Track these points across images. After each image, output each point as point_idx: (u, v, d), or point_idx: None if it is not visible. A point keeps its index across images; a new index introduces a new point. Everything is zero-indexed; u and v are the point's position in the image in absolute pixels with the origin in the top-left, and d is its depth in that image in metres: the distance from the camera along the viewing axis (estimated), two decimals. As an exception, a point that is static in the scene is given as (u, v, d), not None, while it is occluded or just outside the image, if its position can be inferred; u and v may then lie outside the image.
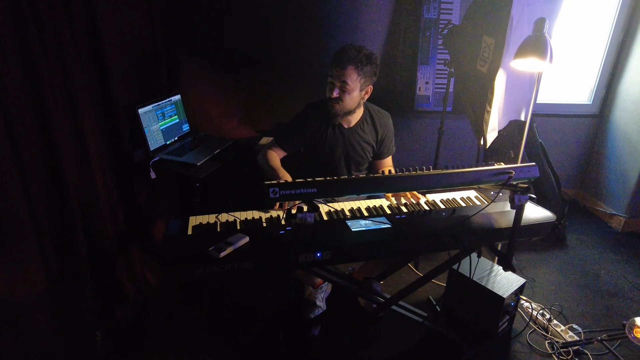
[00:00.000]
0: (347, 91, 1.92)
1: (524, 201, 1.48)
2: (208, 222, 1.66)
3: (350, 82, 1.89)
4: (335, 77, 1.91)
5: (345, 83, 1.89)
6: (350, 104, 1.97)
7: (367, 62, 1.90)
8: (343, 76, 1.88)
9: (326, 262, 1.49)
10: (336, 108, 1.97)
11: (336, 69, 1.90)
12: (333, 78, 1.92)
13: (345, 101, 1.94)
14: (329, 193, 1.35)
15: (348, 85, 1.90)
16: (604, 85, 3.32)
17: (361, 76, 1.91)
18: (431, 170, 1.43)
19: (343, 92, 1.92)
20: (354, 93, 1.93)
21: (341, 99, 1.93)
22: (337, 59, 1.90)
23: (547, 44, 1.71)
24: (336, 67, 1.90)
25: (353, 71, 1.88)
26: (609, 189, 3.37)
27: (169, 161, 2.18)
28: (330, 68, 1.94)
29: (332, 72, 1.92)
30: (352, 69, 1.88)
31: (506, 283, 2.05)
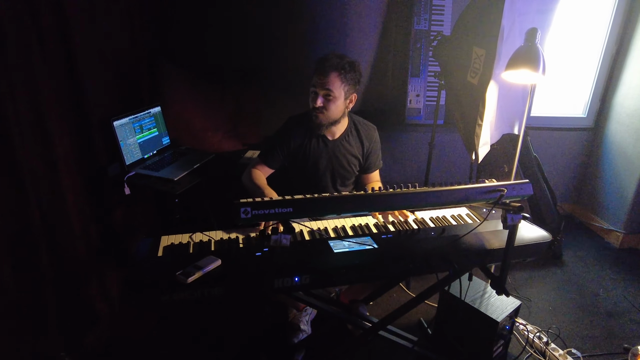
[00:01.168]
0: (332, 100, 1.83)
1: (517, 221, 1.39)
2: (180, 243, 1.55)
3: (335, 89, 1.81)
4: (318, 85, 1.83)
5: (329, 91, 1.81)
6: (335, 113, 1.88)
7: (351, 69, 1.82)
8: (326, 84, 1.80)
9: (305, 287, 1.38)
10: (320, 118, 1.88)
11: (319, 77, 1.82)
12: (316, 87, 1.84)
13: (329, 110, 1.86)
14: (306, 213, 1.24)
15: (332, 92, 1.81)
16: (599, 98, 3.26)
17: (345, 83, 1.83)
18: (417, 188, 1.33)
19: (327, 100, 1.84)
20: (339, 101, 1.85)
21: (325, 108, 1.85)
22: (319, 67, 1.82)
23: (539, 55, 1.63)
24: (319, 74, 1.81)
25: (336, 78, 1.80)
26: (605, 203, 3.29)
27: (145, 176, 2.08)
28: (312, 77, 1.86)
29: (315, 81, 1.84)
30: (336, 76, 1.80)
31: (500, 305, 1.94)
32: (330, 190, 2.05)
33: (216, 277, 1.31)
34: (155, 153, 2.34)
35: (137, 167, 2.14)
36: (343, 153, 2.00)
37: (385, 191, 1.31)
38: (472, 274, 1.59)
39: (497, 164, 2.67)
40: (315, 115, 1.87)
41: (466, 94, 2.00)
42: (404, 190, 1.31)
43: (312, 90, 1.87)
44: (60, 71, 1.75)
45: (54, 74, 1.70)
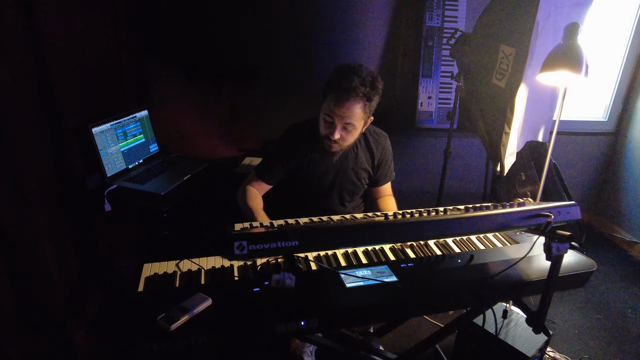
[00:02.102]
0: (351, 131, 1.59)
1: (563, 251, 1.16)
2: (165, 273, 1.32)
3: (356, 121, 1.56)
4: (336, 115, 1.54)
5: (349, 124, 1.56)
6: (351, 141, 1.65)
7: (375, 94, 1.56)
8: (348, 117, 1.53)
9: (313, 331, 1.15)
10: (335, 148, 1.64)
11: (338, 107, 1.52)
12: (333, 116, 1.55)
13: (346, 141, 1.62)
14: (315, 246, 1.02)
15: (353, 124, 1.56)
16: (621, 101, 3.05)
17: (367, 112, 1.58)
18: (448, 214, 1.11)
19: (346, 132, 1.59)
20: (358, 131, 1.62)
21: (343, 139, 1.60)
22: (340, 94, 1.52)
23: (581, 54, 1.41)
24: (339, 104, 1.52)
25: (360, 109, 1.54)
26: (628, 213, 3.07)
27: (128, 190, 1.84)
28: (326, 101, 1.58)
29: (331, 109, 1.54)
30: (359, 107, 1.54)
31: (529, 335, 1.71)
32: (336, 207, 1.81)
33: (206, 322, 1.08)
34: (141, 162, 2.10)
35: (120, 179, 1.90)
36: (351, 166, 1.76)
37: (409, 217, 1.09)
38: (507, 311, 1.37)
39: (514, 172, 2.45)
40: (329, 145, 1.62)
41: (491, 98, 1.78)
42: (432, 217, 1.09)
43: (326, 117, 1.58)
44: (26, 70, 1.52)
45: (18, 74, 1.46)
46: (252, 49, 2.47)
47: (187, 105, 2.42)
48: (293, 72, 2.57)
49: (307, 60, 2.56)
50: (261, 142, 2.64)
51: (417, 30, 2.59)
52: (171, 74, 2.32)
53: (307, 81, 2.60)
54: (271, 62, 2.53)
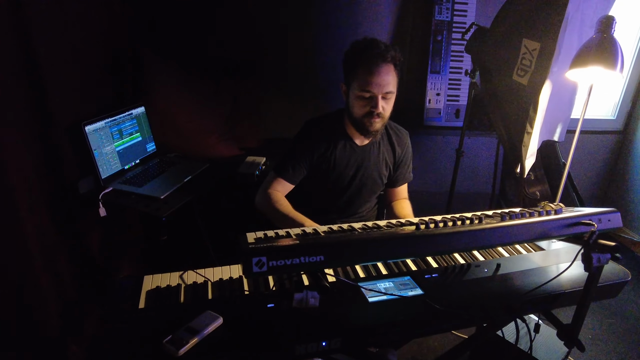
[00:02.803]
0: (390, 100, 1.50)
1: (604, 262, 1.07)
2: (169, 286, 1.20)
3: (393, 87, 1.48)
4: (374, 86, 1.44)
5: (388, 92, 1.47)
6: (390, 111, 1.55)
7: (399, 58, 1.49)
8: (387, 84, 1.44)
9: (335, 351, 1.05)
10: (378, 124, 1.53)
11: (374, 77, 1.43)
12: (371, 89, 1.45)
13: (387, 111, 1.52)
14: (344, 261, 0.91)
15: (392, 92, 1.48)
16: (630, 99, 2.99)
17: (397, 78, 1.50)
18: (484, 224, 1.01)
19: (386, 103, 1.49)
20: (393, 100, 1.53)
21: (384, 111, 1.50)
22: (373, 65, 1.43)
23: (617, 49, 1.32)
24: (374, 75, 1.43)
25: (393, 73, 1.46)
26: (635, 214, 3.02)
27: (125, 193, 1.71)
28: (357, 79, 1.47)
29: (369, 82, 1.44)
30: (392, 71, 1.46)
31: (552, 345, 1.64)
32: (354, 205, 1.71)
33: (217, 344, 0.97)
34: (137, 163, 1.98)
35: (115, 182, 1.77)
36: (374, 161, 1.66)
37: (443, 228, 0.98)
38: (539, 325, 1.28)
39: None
40: (373, 121, 1.51)
41: (511, 95, 1.69)
42: (467, 227, 0.99)
43: (363, 94, 1.47)
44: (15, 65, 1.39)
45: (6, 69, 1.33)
46: (252, 42, 2.35)
47: (186, 101, 2.29)
48: (295, 67, 2.46)
49: (310, 55, 2.45)
50: (263, 140, 2.52)
51: (425, 24, 2.48)
52: (169, 68, 2.19)
53: (309, 76, 2.49)
54: (274, 60, 2.42)
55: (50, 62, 1.52)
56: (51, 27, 1.53)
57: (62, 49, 1.60)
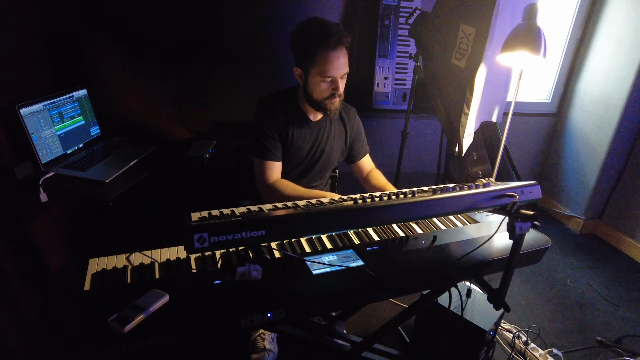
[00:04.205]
0: (345, 78, 1.57)
1: (525, 230, 1.19)
2: (115, 268, 1.20)
3: (348, 68, 1.54)
4: (334, 70, 1.49)
5: (346, 72, 1.54)
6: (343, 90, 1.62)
7: (349, 37, 1.53)
8: (344, 67, 1.51)
9: (280, 322, 1.10)
10: (337, 104, 1.60)
11: (333, 63, 1.48)
12: (332, 74, 1.50)
13: (343, 92, 1.59)
14: (283, 234, 0.96)
15: (347, 73, 1.55)
16: (563, 84, 3.20)
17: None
18: (417, 197, 1.08)
19: (343, 82, 1.56)
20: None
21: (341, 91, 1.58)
22: (330, 52, 1.47)
23: (540, 35, 1.43)
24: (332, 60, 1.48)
25: (346, 53, 1.52)
26: (566, 190, 3.28)
27: (68, 177, 1.66)
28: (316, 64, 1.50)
29: (328, 68, 1.49)
30: (346, 54, 1.52)
31: (485, 310, 1.77)
32: (305, 180, 1.77)
33: (163, 320, 1.00)
34: (81, 147, 1.91)
35: (57, 166, 1.72)
36: (327, 137, 1.73)
37: (378, 201, 1.05)
38: (470, 290, 1.39)
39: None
40: (333, 101, 1.57)
41: (450, 78, 1.78)
42: (401, 200, 1.06)
43: (324, 79, 1.52)
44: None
45: None
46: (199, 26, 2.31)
47: (132, 84, 2.22)
48: (243, 50, 2.44)
49: (258, 38, 2.44)
50: (213, 123, 2.50)
51: (373, 8, 2.53)
52: (113, 51, 2.12)
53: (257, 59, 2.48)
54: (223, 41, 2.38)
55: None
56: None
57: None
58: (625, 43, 2.69)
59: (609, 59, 2.83)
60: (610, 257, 2.90)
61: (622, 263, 2.84)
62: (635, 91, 2.68)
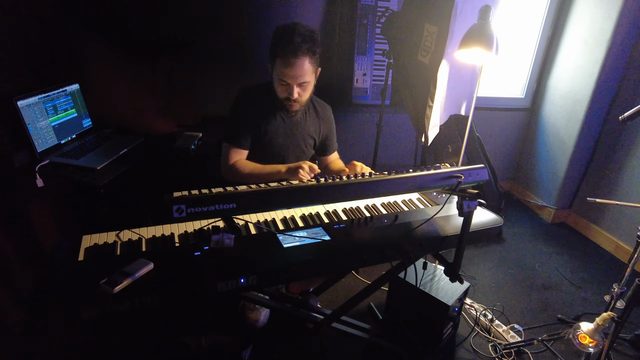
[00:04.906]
0: (306, 86, 1.68)
1: (472, 208, 1.34)
2: (106, 243, 1.34)
3: (308, 77, 1.64)
4: (289, 78, 1.62)
5: (304, 82, 1.64)
6: (308, 97, 1.75)
7: (317, 46, 1.64)
8: (301, 76, 1.61)
9: (253, 288, 1.24)
10: (296, 107, 1.74)
11: (290, 68, 1.59)
12: (286, 80, 1.63)
13: (304, 97, 1.71)
14: (252, 208, 1.10)
15: (307, 82, 1.65)
16: (535, 80, 3.36)
17: (315, 65, 1.67)
18: (372, 177, 1.23)
19: (302, 90, 1.68)
20: (312, 84, 1.71)
21: (301, 96, 1.69)
22: (287, 59, 1.58)
23: (492, 34, 1.58)
24: (289, 65, 1.59)
25: (308, 64, 1.62)
26: (539, 181, 3.45)
27: (62, 165, 1.80)
28: (275, 67, 1.64)
29: (284, 73, 1.61)
30: (307, 63, 1.61)
31: (451, 288, 1.94)
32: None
33: (148, 284, 1.14)
34: (74, 138, 2.04)
35: (52, 155, 1.84)
36: (300, 131, 1.86)
37: (338, 181, 1.20)
38: (426, 263, 1.54)
39: (441, 144, 2.67)
40: (290, 105, 1.71)
41: (417, 73, 1.92)
42: (358, 180, 1.21)
43: (280, 82, 1.65)
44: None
45: None
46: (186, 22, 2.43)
47: (121, 79, 2.34)
48: (230, 47, 2.57)
49: (244, 35, 2.56)
50: (200, 117, 2.63)
51: (352, 8, 2.67)
52: (102, 46, 2.24)
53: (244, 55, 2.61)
54: (209, 37, 2.51)
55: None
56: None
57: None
58: (590, 42, 2.86)
59: (576, 56, 2.99)
60: (577, 244, 3.08)
61: (588, 249, 3.01)
62: (599, 87, 2.84)
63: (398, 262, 1.55)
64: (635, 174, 2.79)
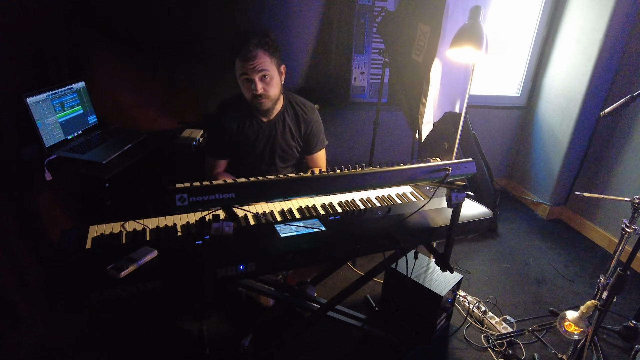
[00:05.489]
0: (269, 80, 1.75)
1: (461, 199, 1.40)
2: (112, 233, 1.41)
3: (269, 68, 1.73)
4: (250, 70, 1.71)
5: (264, 72, 1.72)
6: (276, 92, 1.81)
7: (269, 39, 1.73)
8: (259, 65, 1.70)
9: (251, 275, 1.31)
10: (265, 103, 1.80)
11: (247, 62, 1.70)
12: (248, 73, 1.72)
13: (270, 92, 1.78)
14: (249, 198, 1.17)
15: (268, 72, 1.73)
16: (531, 78, 3.42)
17: (273, 57, 1.75)
18: (363, 170, 1.30)
19: (266, 83, 1.75)
20: (275, 79, 1.78)
21: (266, 91, 1.76)
22: (243, 51, 1.69)
23: (482, 33, 1.64)
24: (246, 59, 1.70)
25: (265, 56, 1.72)
26: (535, 178, 3.51)
27: (69, 159, 1.87)
28: (236, 68, 1.75)
29: (244, 67, 1.72)
30: (264, 54, 1.71)
31: (444, 280, 2.00)
32: (271, 172, 1.97)
33: (152, 270, 1.21)
34: (80, 134, 2.12)
35: (59, 150, 1.92)
36: (280, 134, 1.93)
37: (331, 173, 1.26)
38: (417, 252, 1.61)
39: (438, 141, 2.73)
40: (259, 102, 1.78)
41: (411, 72, 1.99)
42: (350, 172, 1.27)
43: (243, 78, 1.75)
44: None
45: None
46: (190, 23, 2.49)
47: (124, 77, 2.41)
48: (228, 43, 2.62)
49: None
50: (201, 115, 2.69)
51: (349, 8, 2.72)
52: (106, 46, 2.31)
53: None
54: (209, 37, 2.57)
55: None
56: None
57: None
58: (582, 41, 2.91)
59: (569, 55, 3.05)
60: (572, 239, 3.14)
61: (582, 244, 3.07)
62: (592, 85, 2.90)
63: (391, 253, 1.61)
64: (627, 170, 2.85)
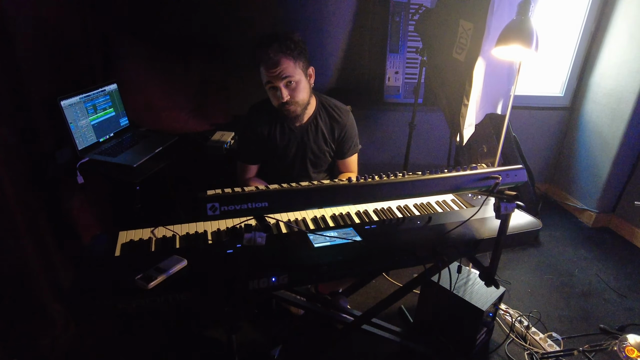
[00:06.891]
0: (295, 86, 1.67)
1: (510, 210, 1.29)
2: (141, 239, 1.38)
3: (293, 73, 1.64)
4: (273, 79, 1.64)
5: (288, 78, 1.64)
6: (304, 96, 1.72)
7: (292, 42, 1.64)
8: (283, 72, 1.62)
9: (283, 287, 1.24)
10: (293, 110, 1.72)
11: (270, 69, 1.62)
12: (272, 81, 1.65)
13: (298, 98, 1.69)
14: (283, 207, 1.10)
15: (293, 77, 1.64)
16: (576, 77, 3.22)
17: (298, 61, 1.66)
18: (405, 177, 1.20)
19: (292, 90, 1.67)
20: (302, 84, 1.69)
21: (293, 97, 1.68)
22: (264, 59, 1.61)
23: (532, 30, 1.51)
24: (268, 67, 1.62)
25: (289, 61, 1.63)
26: (579, 183, 3.30)
27: (101, 162, 1.86)
28: (261, 75, 1.68)
29: (267, 76, 1.64)
30: (287, 59, 1.62)
31: (485, 292, 1.88)
32: (303, 178, 1.90)
33: (182, 281, 1.15)
34: (112, 136, 2.11)
35: (91, 152, 1.91)
36: (312, 139, 1.85)
37: (369, 181, 1.18)
38: (461, 266, 1.50)
39: (476, 144, 2.59)
40: (287, 109, 1.71)
41: (451, 71, 1.87)
42: (390, 179, 1.18)
43: (268, 87, 1.68)
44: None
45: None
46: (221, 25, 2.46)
47: (155, 80, 2.40)
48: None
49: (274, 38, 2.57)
50: (232, 116, 2.66)
51: (384, 5, 2.63)
52: (138, 47, 2.30)
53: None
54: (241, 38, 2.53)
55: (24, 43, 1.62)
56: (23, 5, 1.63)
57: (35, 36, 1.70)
58: (636, 37, 2.70)
59: (621, 52, 2.84)
60: (621, 249, 2.92)
61: (633, 255, 2.85)
62: (646, 84, 2.69)
63: (431, 264, 1.51)
64: (686, 177, 2.62)
